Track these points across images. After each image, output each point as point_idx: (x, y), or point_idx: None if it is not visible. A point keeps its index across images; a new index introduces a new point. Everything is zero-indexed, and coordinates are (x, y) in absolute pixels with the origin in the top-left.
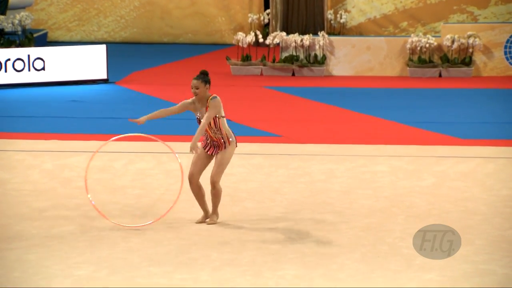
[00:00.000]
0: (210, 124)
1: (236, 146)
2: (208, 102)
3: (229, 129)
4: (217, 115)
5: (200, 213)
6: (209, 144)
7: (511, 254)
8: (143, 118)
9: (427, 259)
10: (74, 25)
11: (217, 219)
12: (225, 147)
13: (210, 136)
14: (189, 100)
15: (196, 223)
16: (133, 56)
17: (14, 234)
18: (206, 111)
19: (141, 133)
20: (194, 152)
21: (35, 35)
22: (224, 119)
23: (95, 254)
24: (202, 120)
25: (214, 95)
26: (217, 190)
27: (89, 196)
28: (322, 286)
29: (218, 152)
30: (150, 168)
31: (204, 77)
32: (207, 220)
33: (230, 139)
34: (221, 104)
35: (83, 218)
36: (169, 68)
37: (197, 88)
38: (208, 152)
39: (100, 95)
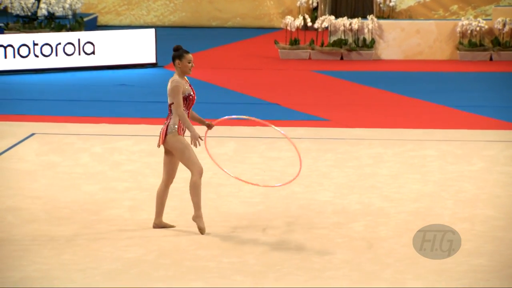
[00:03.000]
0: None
1: None
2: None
3: None
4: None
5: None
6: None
7: None
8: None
9: (476, 244)
10: (123, 9)
11: None
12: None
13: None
14: (182, 82)
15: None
16: (181, 40)
17: (64, 217)
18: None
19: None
20: (198, 144)
21: (85, 19)
22: None
23: (144, 237)
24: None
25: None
26: None
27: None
28: (369, 271)
29: None
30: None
31: None
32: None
33: None
34: None
35: (132, 201)
36: (218, 52)
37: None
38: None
39: (149, 79)
